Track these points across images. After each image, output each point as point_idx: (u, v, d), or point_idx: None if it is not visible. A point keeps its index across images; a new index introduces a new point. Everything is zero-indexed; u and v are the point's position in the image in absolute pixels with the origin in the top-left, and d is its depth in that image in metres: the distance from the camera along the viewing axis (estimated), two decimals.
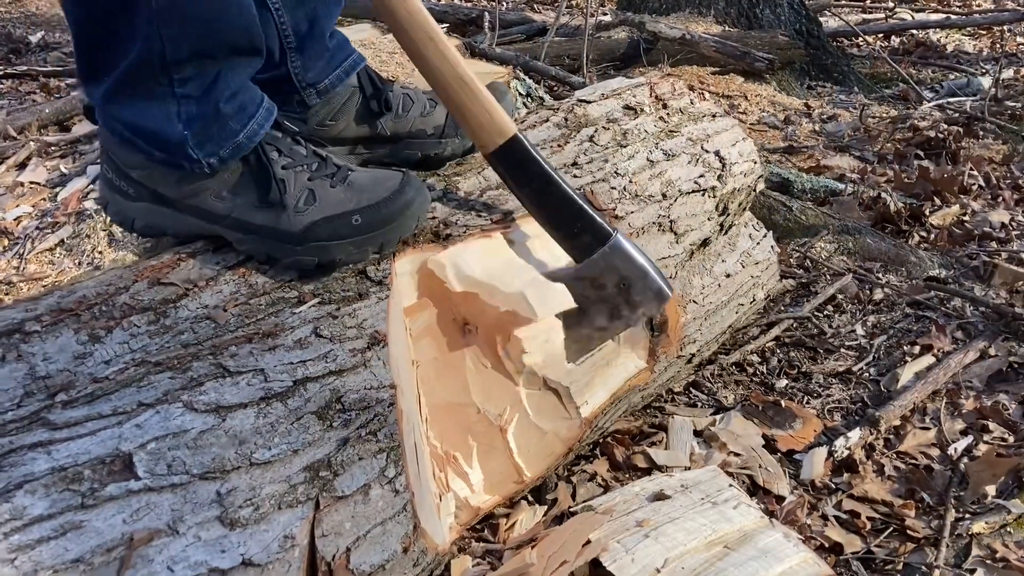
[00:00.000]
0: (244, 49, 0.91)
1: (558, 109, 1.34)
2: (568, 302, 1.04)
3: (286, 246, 0.92)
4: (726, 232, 1.44)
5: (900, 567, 1.09)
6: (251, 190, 0.93)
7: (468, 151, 1.18)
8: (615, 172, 1.25)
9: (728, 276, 1.42)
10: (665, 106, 1.42)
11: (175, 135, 0.89)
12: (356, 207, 0.93)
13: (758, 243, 1.53)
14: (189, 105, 0.89)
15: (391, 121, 1.15)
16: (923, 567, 1.09)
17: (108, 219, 1.67)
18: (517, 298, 1.00)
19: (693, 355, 1.39)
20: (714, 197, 1.37)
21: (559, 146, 1.25)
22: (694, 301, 1.33)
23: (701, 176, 1.35)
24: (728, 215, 1.42)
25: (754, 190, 1.51)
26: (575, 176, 1.21)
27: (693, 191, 1.33)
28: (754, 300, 1.54)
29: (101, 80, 0.89)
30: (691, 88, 1.50)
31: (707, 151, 1.38)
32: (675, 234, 1.29)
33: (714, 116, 1.47)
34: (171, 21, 0.84)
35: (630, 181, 1.26)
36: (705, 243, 1.36)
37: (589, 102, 1.35)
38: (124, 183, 0.96)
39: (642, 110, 1.38)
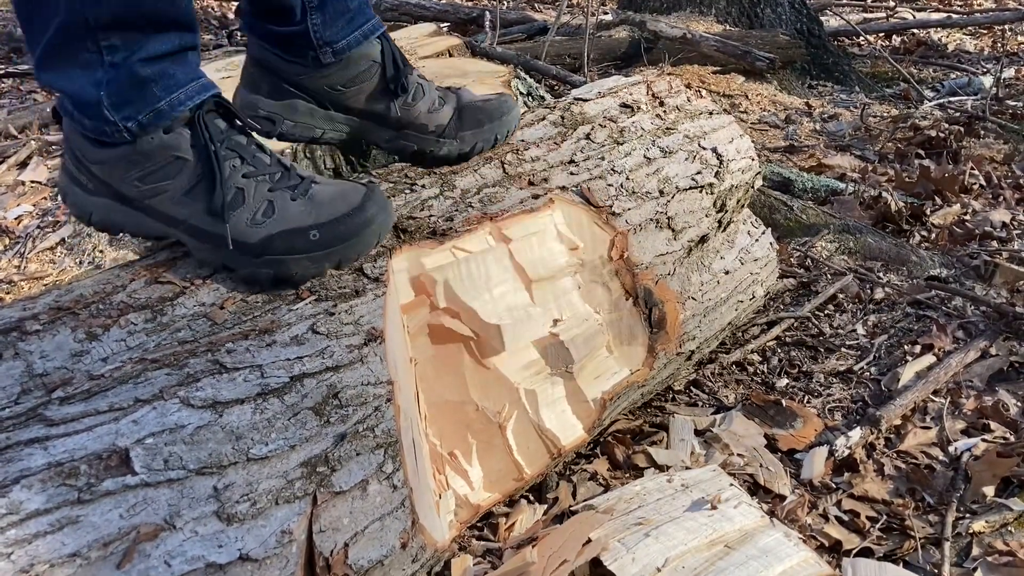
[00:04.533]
0: (166, 21, 0.89)
1: (554, 107, 1.34)
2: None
3: (242, 257, 0.90)
4: (724, 229, 1.44)
5: (901, 566, 1.09)
6: (209, 197, 0.91)
7: (464, 156, 1.17)
8: (612, 169, 1.25)
9: (727, 273, 1.42)
10: (662, 104, 1.42)
11: (93, 97, 0.87)
12: (315, 222, 0.91)
13: (757, 240, 1.53)
14: (111, 70, 0.87)
15: (401, 106, 1.13)
16: (924, 566, 1.08)
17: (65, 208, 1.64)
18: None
19: (692, 352, 1.39)
20: (712, 194, 1.37)
21: (556, 144, 1.25)
22: (693, 298, 1.32)
23: (698, 173, 1.35)
24: (726, 212, 1.41)
25: (752, 187, 1.51)
26: (572, 174, 1.21)
27: (690, 188, 1.33)
28: (753, 297, 1.54)
29: (35, 48, 0.88)
30: (689, 86, 1.50)
31: (704, 148, 1.38)
32: (673, 231, 1.29)
33: (711, 113, 1.47)
34: None
35: (627, 178, 1.25)
36: (703, 240, 1.36)
37: (586, 100, 1.35)
38: (84, 176, 0.95)
39: (639, 108, 1.38)
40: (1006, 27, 4.53)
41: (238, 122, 0.95)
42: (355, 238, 0.92)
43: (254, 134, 0.97)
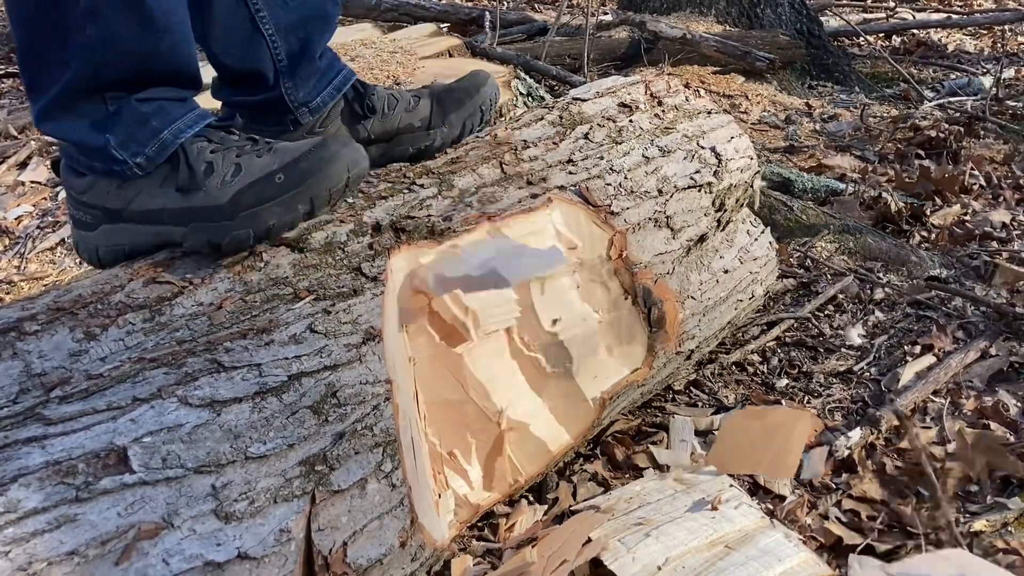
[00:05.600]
0: (177, 82, 0.94)
1: (553, 107, 1.34)
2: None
3: (220, 224, 0.91)
4: (723, 228, 1.44)
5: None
6: (181, 176, 0.93)
7: (456, 139, 1.20)
8: (610, 169, 1.25)
9: (726, 272, 1.41)
10: (660, 103, 1.42)
11: (99, 142, 0.91)
12: (279, 166, 0.93)
13: (756, 239, 1.53)
14: (113, 114, 0.91)
15: (378, 122, 1.16)
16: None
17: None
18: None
19: (692, 351, 1.38)
20: (710, 193, 1.37)
21: (554, 144, 1.25)
22: (692, 297, 1.32)
23: (697, 172, 1.35)
24: (725, 211, 1.41)
25: (751, 186, 1.51)
26: (570, 173, 1.21)
27: (689, 187, 1.33)
28: (753, 296, 1.54)
29: (39, 98, 0.91)
30: (687, 86, 1.50)
31: (703, 147, 1.38)
32: (671, 230, 1.29)
33: (709, 113, 1.47)
34: (104, 52, 0.87)
35: (625, 177, 1.25)
36: (702, 239, 1.36)
37: (584, 100, 1.35)
38: (81, 212, 0.98)
39: (637, 107, 1.38)
40: (1006, 27, 4.53)
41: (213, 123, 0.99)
42: (321, 173, 0.93)
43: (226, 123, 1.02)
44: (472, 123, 1.21)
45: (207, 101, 1.07)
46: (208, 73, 1.08)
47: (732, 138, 1.45)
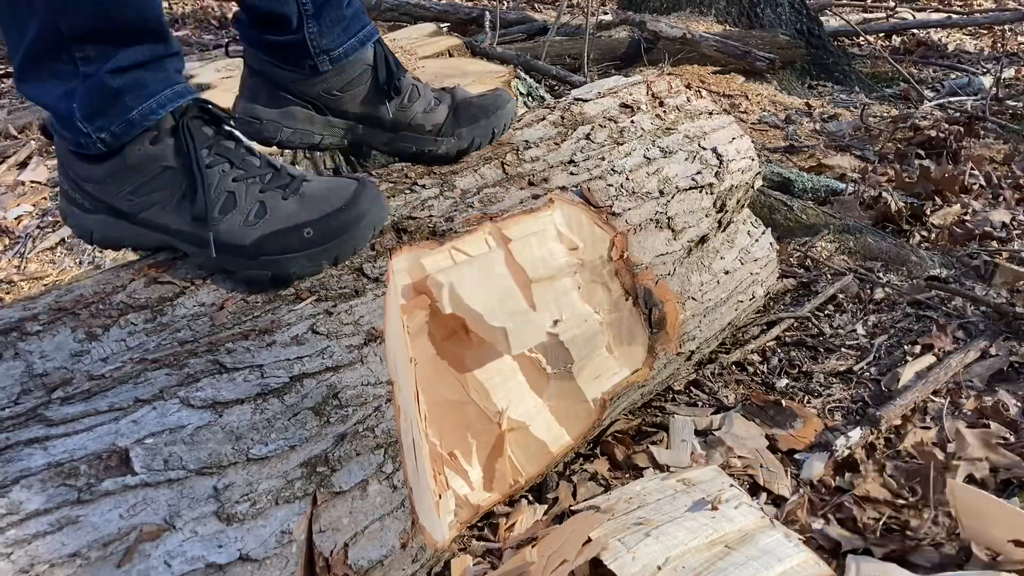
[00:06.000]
0: (138, 32, 0.89)
1: (554, 107, 1.34)
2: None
3: (238, 260, 0.90)
4: (724, 229, 1.44)
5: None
6: (198, 205, 0.90)
7: (462, 153, 1.18)
8: (612, 169, 1.25)
9: (727, 273, 1.41)
10: (662, 104, 1.42)
11: (66, 110, 0.88)
12: (307, 219, 0.91)
13: (757, 240, 1.53)
14: (83, 82, 0.87)
15: (395, 108, 1.14)
16: (924, 566, 1.08)
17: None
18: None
19: (692, 352, 1.38)
20: (711, 194, 1.37)
21: (555, 144, 1.25)
22: (693, 298, 1.32)
23: (698, 173, 1.35)
24: (726, 212, 1.41)
25: (752, 187, 1.51)
26: (572, 174, 1.21)
27: (690, 188, 1.33)
28: (753, 297, 1.54)
29: (14, 57, 0.88)
30: (689, 86, 1.50)
31: (704, 148, 1.38)
32: (672, 231, 1.29)
33: (711, 113, 1.47)
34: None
35: (627, 178, 1.25)
36: (703, 240, 1.36)
37: (586, 100, 1.35)
38: (79, 195, 0.95)
39: (639, 108, 1.38)
40: (1006, 27, 4.53)
41: (226, 127, 0.95)
42: (348, 233, 0.92)
43: (243, 138, 0.97)
44: (481, 142, 1.19)
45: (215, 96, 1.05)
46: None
47: (733, 139, 1.45)
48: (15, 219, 2.22)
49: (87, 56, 0.86)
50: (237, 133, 0.97)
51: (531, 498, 1.22)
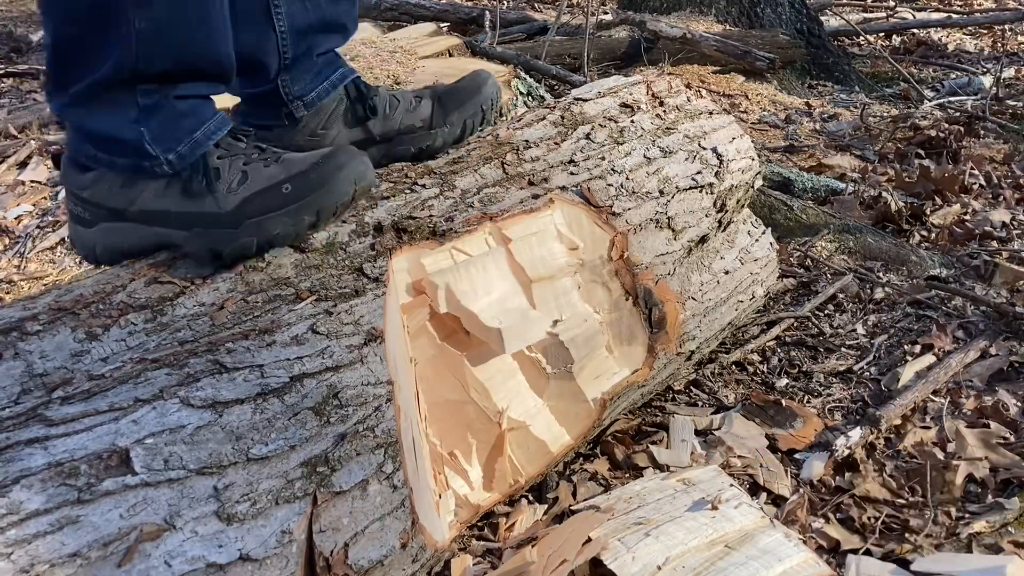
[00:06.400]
0: (211, 75, 0.94)
1: (554, 107, 1.34)
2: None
3: (224, 231, 0.90)
4: (724, 229, 1.44)
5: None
6: (185, 180, 0.93)
7: (458, 139, 1.20)
8: (612, 169, 1.25)
9: (727, 273, 1.41)
10: (662, 104, 1.42)
11: (132, 135, 0.90)
12: (286, 176, 0.92)
13: (757, 240, 1.53)
14: (148, 108, 0.91)
15: (379, 123, 1.17)
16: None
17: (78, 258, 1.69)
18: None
19: (692, 352, 1.39)
20: (712, 194, 1.37)
21: (556, 144, 1.25)
22: (693, 298, 1.32)
23: (698, 173, 1.35)
24: (726, 212, 1.41)
25: (752, 187, 1.51)
26: (572, 174, 1.21)
27: (690, 188, 1.33)
28: (753, 297, 1.54)
29: (67, 89, 0.91)
30: (689, 86, 1.50)
31: (704, 148, 1.38)
32: (673, 231, 1.29)
33: (711, 113, 1.47)
34: (149, 42, 0.86)
35: (627, 178, 1.25)
36: (703, 240, 1.36)
37: (586, 100, 1.35)
38: (80, 208, 0.97)
39: (639, 108, 1.38)
40: (1006, 27, 4.53)
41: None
42: (327, 186, 0.92)
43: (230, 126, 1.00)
44: (473, 123, 1.22)
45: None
46: None
47: (733, 139, 1.45)
48: (15, 219, 2.22)
49: (149, 90, 0.90)
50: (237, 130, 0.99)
51: (531, 498, 1.22)
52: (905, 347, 1.58)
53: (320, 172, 0.92)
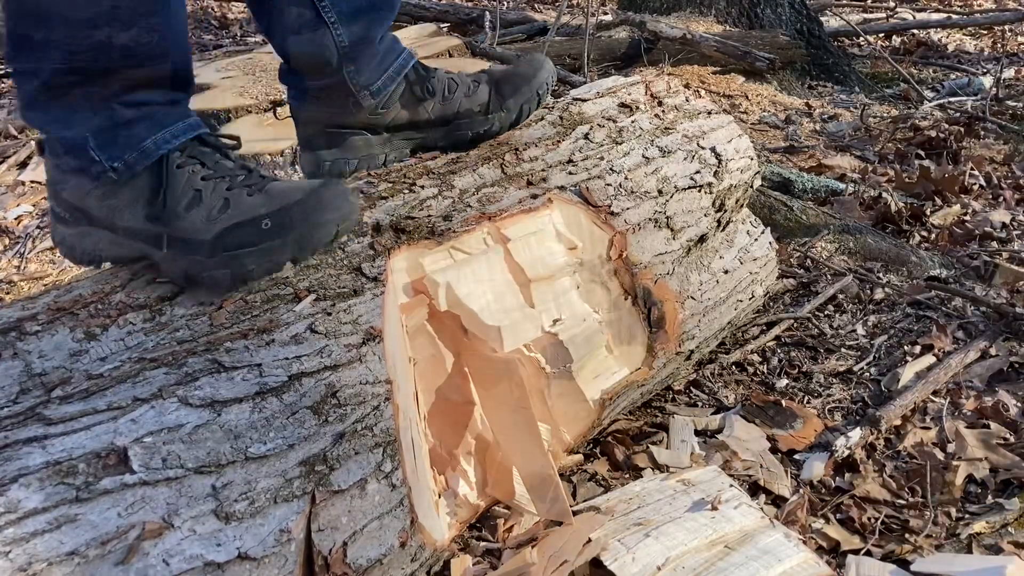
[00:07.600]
0: (170, 83, 0.91)
1: (553, 107, 1.34)
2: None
3: (199, 259, 0.87)
4: (723, 228, 1.44)
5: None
6: (169, 200, 0.89)
7: (514, 123, 1.22)
8: (611, 169, 1.25)
9: (726, 272, 1.41)
10: (660, 103, 1.42)
11: (79, 138, 0.88)
12: (267, 211, 0.88)
13: (756, 239, 1.53)
14: (98, 112, 0.88)
15: (438, 105, 1.18)
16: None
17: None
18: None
19: (692, 351, 1.38)
20: (710, 193, 1.37)
21: (554, 144, 1.25)
22: (692, 297, 1.32)
23: (697, 172, 1.35)
24: (725, 211, 1.41)
25: (751, 186, 1.51)
26: (570, 174, 1.21)
27: (689, 187, 1.33)
28: (753, 297, 1.54)
29: (24, 87, 0.89)
30: (687, 86, 1.50)
31: (703, 148, 1.38)
32: (671, 230, 1.29)
33: (709, 113, 1.47)
34: (105, 38, 0.84)
35: (626, 178, 1.25)
36: (702, 239, 1.36)
37: (584, 100, 1.35)
38: (60, 208, 0.95)
39: (637, 108, 1.38)
40: (1006, 27, 4.53)
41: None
42: (307, 225, 0.88)
43: (223, 146, 0.97)
44: (529, 107, 1.23)
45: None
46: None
47: (732, 138, 1.45)
48: (15, 219, 2.22)
49: (102, 92, 0.87)
50: (220, 143, 0.97)
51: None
52: (905, 348, 1.58)
53: (304, 209, 0.88)
